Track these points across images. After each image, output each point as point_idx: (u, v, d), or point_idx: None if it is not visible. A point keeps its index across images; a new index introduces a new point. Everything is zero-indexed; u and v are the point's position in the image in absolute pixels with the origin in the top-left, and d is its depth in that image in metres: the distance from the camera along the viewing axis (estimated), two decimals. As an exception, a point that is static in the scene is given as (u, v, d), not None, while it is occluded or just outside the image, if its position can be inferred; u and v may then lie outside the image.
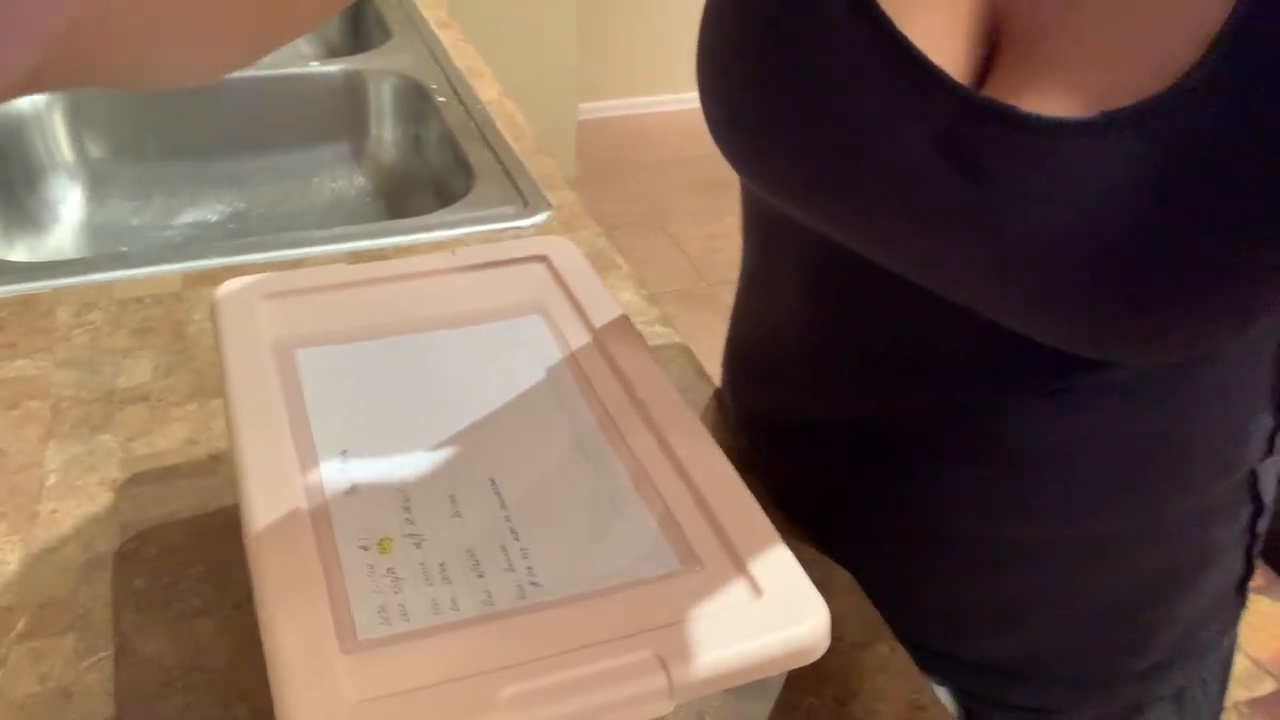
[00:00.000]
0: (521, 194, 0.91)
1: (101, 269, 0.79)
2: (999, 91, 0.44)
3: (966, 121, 0.43)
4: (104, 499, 0.60)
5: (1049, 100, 0.42)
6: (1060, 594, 0.58)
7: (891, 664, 0.54)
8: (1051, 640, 0.60)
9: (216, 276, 0.80)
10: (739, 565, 0.42)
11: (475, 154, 0.98)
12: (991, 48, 0.46)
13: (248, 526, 0.42)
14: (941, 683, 0.62)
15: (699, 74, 0.53)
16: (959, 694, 0.61)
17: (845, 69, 0.45)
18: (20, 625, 0.53)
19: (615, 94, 3.42)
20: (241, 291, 0.54)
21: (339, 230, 0.85)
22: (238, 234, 1.09)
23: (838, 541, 0.61)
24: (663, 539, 0.43)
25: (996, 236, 0.43)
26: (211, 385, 0.69)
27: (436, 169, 1.08)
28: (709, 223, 2.87)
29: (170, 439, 0.64)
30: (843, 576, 0.59)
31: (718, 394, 0.73)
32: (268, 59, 1.36)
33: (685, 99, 3.51)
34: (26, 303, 0.76)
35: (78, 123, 1.06)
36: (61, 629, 0.52)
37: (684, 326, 2.37)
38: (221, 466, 0.62)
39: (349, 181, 1.15)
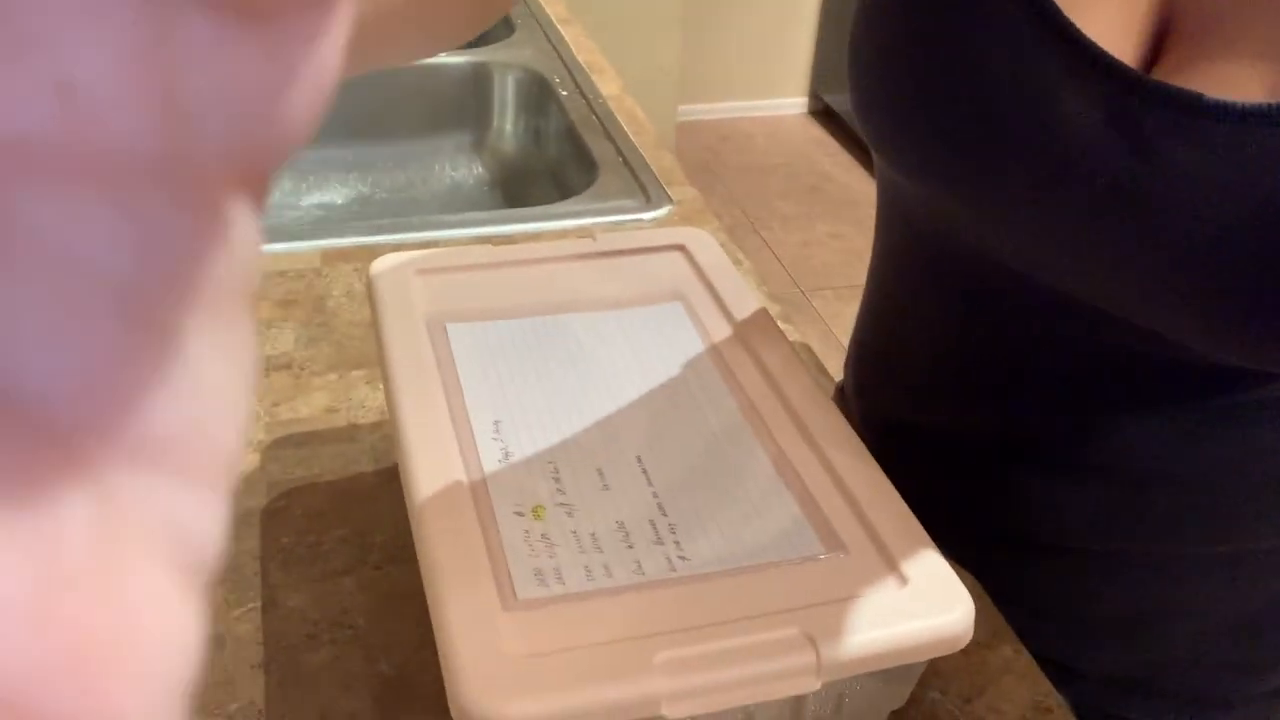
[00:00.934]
0: (643, 188, 0.93)
1: (245, 242, 0.82)
2: (1169, 78, 0.44)
3: (1137, 106, 0.43)
4: (251, 459, 0.63)
5: (1222, 88, 0.42)
6: (1183, 609, 0.57)
7: (1016, 666, 0.54)
8: (1172, 655, 0.59)
9: (353, 255, 0.83)
10: (883, 552, 0.43)
11: (597, 147, 1.00)
12: (1161, 38, 0.46)
13: (411, 488, 0.44)
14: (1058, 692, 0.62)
15: (851, 65, 0.54)
16: (1075, 706, 0.61)
17: (1009, 56, 0.46)
18: (174, 573, 0.55)
19: (712, 97, 3.43)
20: (396, 267, 0.57)
21: (468, 215, 0.87)
22: (361, 217, 1.12)
23: (955, 546, 0.61)
24: (806, 523, 0.44)
25: (1165, 225, 0.43)
26: (351, 357, 0.72)
27: (555, 161, 1.10)
28: (801, 229, 2.86)
29: (312, 406, 0.67)
30: (965, 578, 0.59)
31: (839, 392, 0.74)
32: (393, 49, 1.39)
33: (779, 104, 3.51)
34: (174, 271, 0.79)
35: (216, 103, 1.11)
36: (212, 580, 0.55)
37: (774, 331, 2.37)
38: (361, 434, 0.65)
39: (469, 170, 1.17)
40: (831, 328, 2.44)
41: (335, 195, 1.14)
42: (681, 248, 0.61)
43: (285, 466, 0.62)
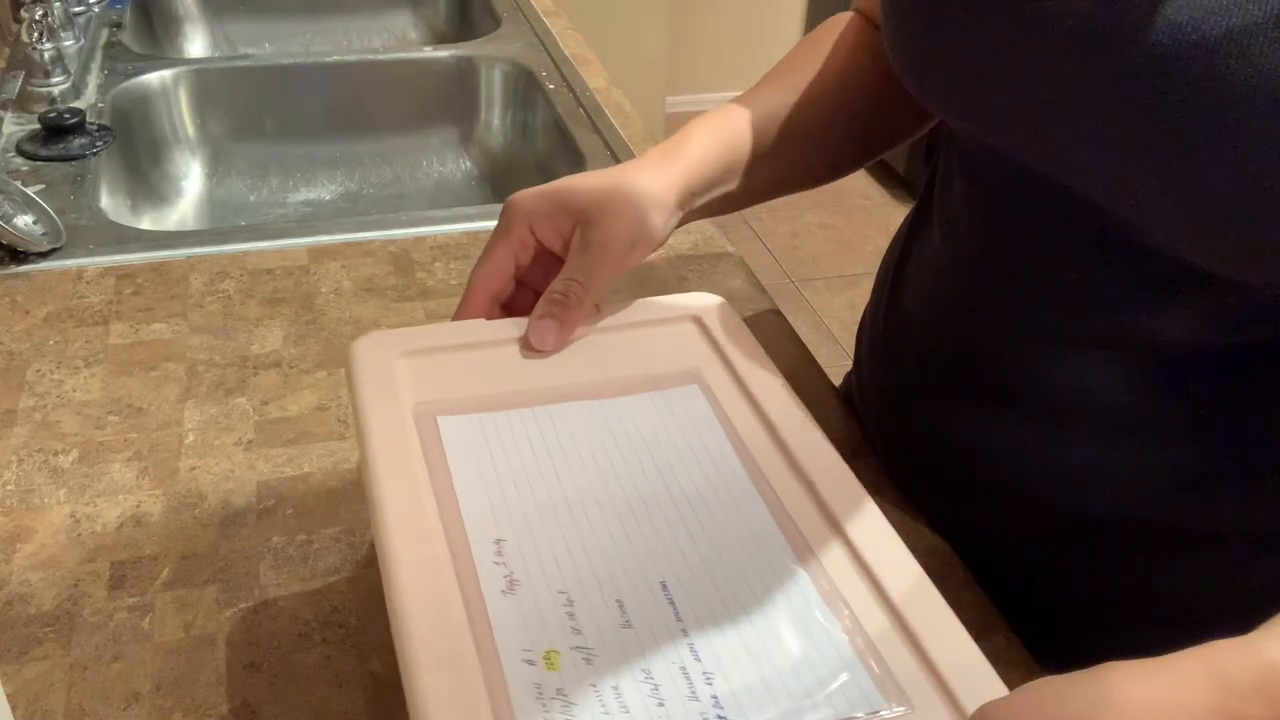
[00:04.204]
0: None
1: (232, 240, 0.82)
2: None
3: None
4: (240, 459, 0.62)
5: None
6: (1161, 592, 0.57)
7: (1008, 655, 0.54)
8: (1150, 641, 0.60)
9: (340, 252, 0.83)
10: (950, 703, 0.36)
11: (585, 140, 0.99)
12: None
13: (401, 631, 0.38)
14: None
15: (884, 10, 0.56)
16: None
17: None
18: (165, 574, 0.55)
19: (701, 88, 3.42)
20: (378, 348, 0.50)
21: (455, 210, 0.87)
22: (349, 213, 1.12)
23: (964, 531, 0.61)
24: (863, 670, 0.37)
25: (1127, 64, 0.43)
26: (339, 355, 0.71)
27: (543, 154, 1.10)
28: (791, 220, 2.86)
29: (301, 404, 0.67)
30: (961, 569, 0.59)
31: (843, 394, 0.74)
32: (379, 44, 1.39)
33: (770, 95, 3.50)
34: (160, 270, 0.79)
35: (201, 101, 1.10)
36: (203, 580, 0.55)
37: (765, 322, 2.37)
38: (351, 431, 0.65)
39: (456, 165, 1.17)
40: (822, 318, 2.44)
41: (322, 192, 1.14)
42: (696, 319, 0.54)
43: (275, 465, 0.62)
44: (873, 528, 0.43)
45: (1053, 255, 0.53)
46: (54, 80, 0.99)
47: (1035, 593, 0.60)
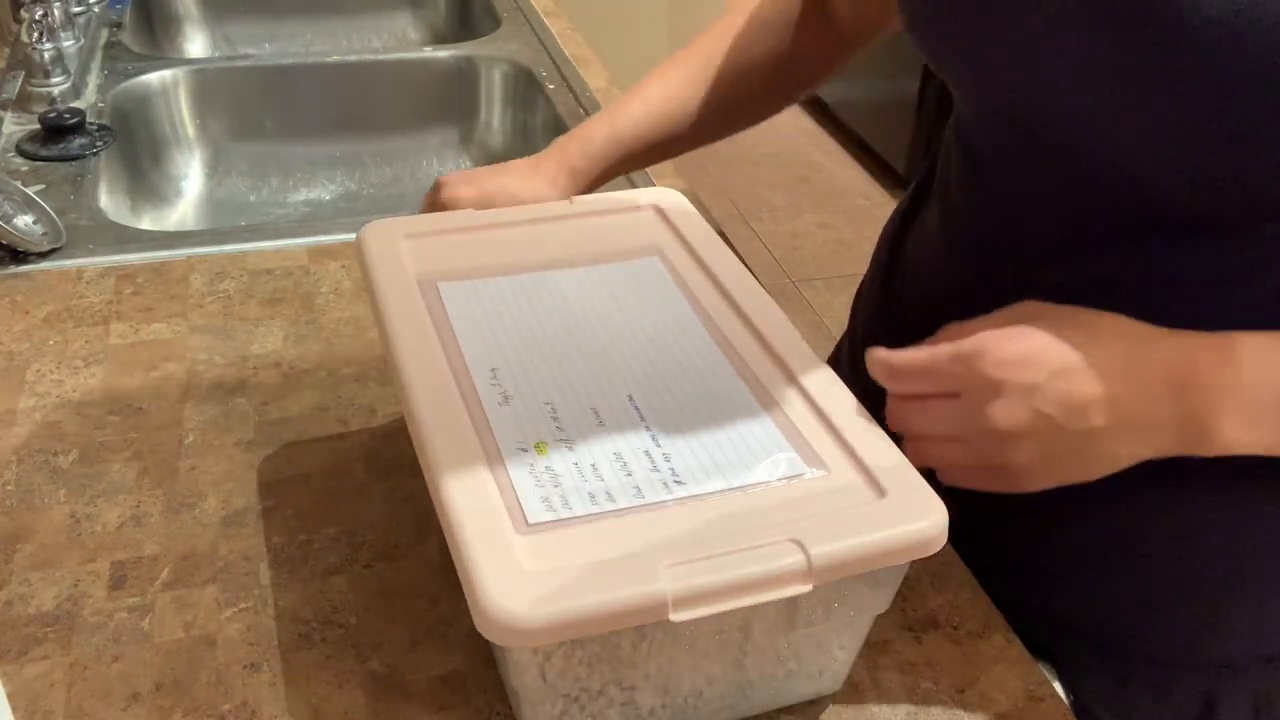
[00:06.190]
0: (630, 180, 0.93)
1: (232, 240, 0.82)
2: None
3: None
4: (240, 459, 0.62)
5: None
6: (1135, 549, 0.57)
7: (1007, 655, 0.54)
8: (1122, 599, 0.59)
9: (340, 252, 0.83)
10: (861, 469, 0.46)
11: (585, 141, 0.99)
12: None
13: (419, 433, 0.46)
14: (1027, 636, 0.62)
15: None
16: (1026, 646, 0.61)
17: None
18: (164, 574, 0.55)
19: (700, 88, 3.42)
20: (384, 232, 0.59)
21: (456, 211, 0.87)
22: (349, 213, 1.12)
23: (960, 511, 0.61)
24: (789, 446, 0.47)
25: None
26: (340, 355, 0.71)
27: (543, 155, 1.10)
28: (790, 219, 2.86)
29: (302, 404, 0.67)
30: (960, 569, 0.59)
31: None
32: (379, 44, 1.39)
33: (769, 95, 3.50)
34: (160, 270, 0.79)
35: (201, 101, 1.10)
36: (203, 580, 0.55)
37: (765, 322, 2.37)
38: (351, 432, 0.65)
39: (456, 165, 1.17)
40: (822, 318, 2.44)
41: (322, 192, 1.14)
42: (655, 206, 0.64)
43: (275, 466, 0.62)
44: (792, 342, 0.53)
45: (1044, 207, 0.54)
46: (54, 80, 0.99)
47: (997, 544, 0.59)
